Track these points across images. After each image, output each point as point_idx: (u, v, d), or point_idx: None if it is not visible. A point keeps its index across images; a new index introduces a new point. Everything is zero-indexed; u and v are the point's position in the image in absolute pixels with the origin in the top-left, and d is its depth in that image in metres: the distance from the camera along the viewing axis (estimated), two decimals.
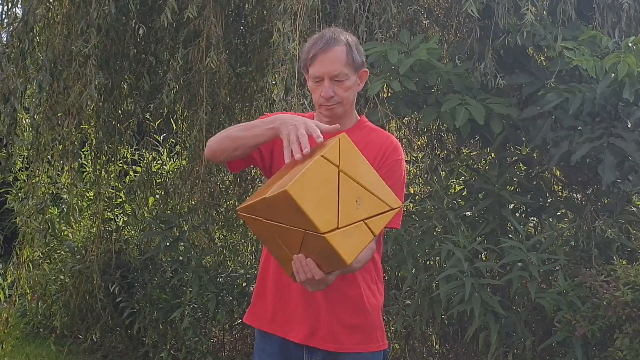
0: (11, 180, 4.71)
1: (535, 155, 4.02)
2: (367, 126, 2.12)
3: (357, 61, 2.02)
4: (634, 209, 3.77)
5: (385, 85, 3.55)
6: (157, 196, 5.15)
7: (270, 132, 1.86)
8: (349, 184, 1.74)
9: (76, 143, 4.50)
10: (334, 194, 1.72)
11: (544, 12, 3.72)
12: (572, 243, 3.72)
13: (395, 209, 1.80)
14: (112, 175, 5.08)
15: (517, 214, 3.92)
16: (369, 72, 2.36)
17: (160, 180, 5.18)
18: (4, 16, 4.24)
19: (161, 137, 5.25)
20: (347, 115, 2.08)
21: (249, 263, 4.90)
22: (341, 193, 1.73)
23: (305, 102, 3.35)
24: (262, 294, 2.11)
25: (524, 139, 3.83)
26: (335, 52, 1.98)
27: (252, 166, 2.38)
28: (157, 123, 5.07)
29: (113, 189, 5.15)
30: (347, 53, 1.99)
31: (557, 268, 3.47)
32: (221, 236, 5.13)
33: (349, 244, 1.71)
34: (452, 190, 4.08)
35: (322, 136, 1.77)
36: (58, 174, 4.71)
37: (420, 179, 4.41)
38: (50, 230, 4.83)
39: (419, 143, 4.67)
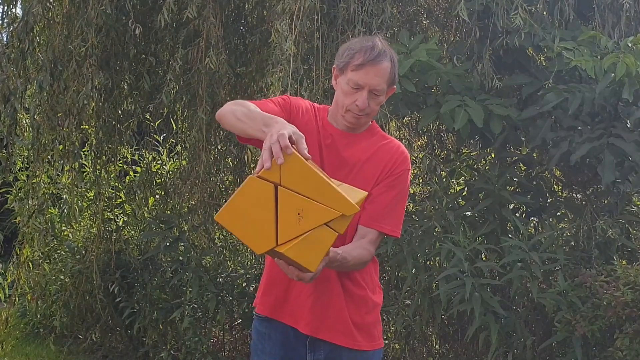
0: (11, 180, 4.71)
1: (535, 155, 4.02)
2: (379, 133, 2.14)
3: (395, 79, 2.06)
4: (634, 208, 3.77)
5: None
6: (157, 196, 5.15)
7: (261, 133, 1.81)
8: (289, 197, 1.71)
9: (76, 143, 4.50)
10: (271, 212, 1.71)
11: (544, 13, 3.72)
12: (572, 243, 3.72)
13: (344, 218, 1.74)
14: (112, 176, 5.08)
15: (517, 214, 3.91)
16: None
17: (160, 180, 5.18)
18: (4, 16, 4.25)
19: (161, 137, 5.25)
20: (366, 123, 2.11)
21: (249, 263, 4.90)
22: (280, 209, 1.71)
23: None
24: (274, 282, 2.10)
25: (523, 139, 3.83)
26: (383, 67, 1.99)
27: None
28: (157, 123, 5.06)
29: (113, 189, 5.15)
30: (391, 70, 2.02)
31: (557, 268, 3.47)
32: (221, 236, 5.13)
33: (308, 251, 1.71)
34: (452, 190, 4.08)
35: (291, 148, 1.69)
36: (58, 174, 4.72)
37: (420, 179, 4.41)
38: (50, 230, 4.83)
39: (419, 143, 4.67)
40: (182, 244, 4.41)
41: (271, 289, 2.11)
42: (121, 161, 5.17)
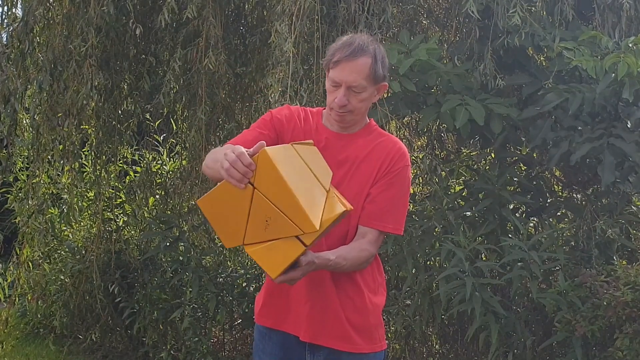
0: (11, 180, 4.71)
1: (535, 155, 4.02)
2: (376, 130, 2.12)
3: (379, 75, 2.00)
4: (634, 209, 3.77)
5: None
6: (157, 196, 5.15)
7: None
8: (261, 203, 1.75)
9: (76, 143, 4.50)
10: (244, 211, 1.76)
11: (543, 13, 3.72)
12: (572, 243, 3.72)
13: (310, 233, 1.76)
14: (112, 176, 5.08)
15: (517, 214, 3.91)
16: None
17: (160, 180, 5.18)
18: (4, 17, 4.25)
19: (161, 137, 5.25)
20: (356, 121, 2.08)
21: (249, 263, 4.90)
22: (252, 211, 1.76)
23: (299, 104, 3.35)
24: (275, 294, 2.10)
25: (524, 139, 3.83)
26: (359, 63, 1.96)
27: None
28: (157, 123, 5.06)
29: (113, 189, 5.15)
30: (371, 66, 1.97)
31: (557, 268, 3.47)
32: None
33: (273, 258, 1.75)
34: (452, 190, 4.08)
35: (252, 163, 1.73)
36: (58, 174, 4.71)
37: (420, 179, 4.41)
38: (50, 230, 4.83)
39: (419, 143, 4.67)
40: (182, 244, 4.41)
41: (272, 301, 2.11)
42: (121, 161, 5.17)
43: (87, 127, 4.78)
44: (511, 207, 3.77)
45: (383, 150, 2.05)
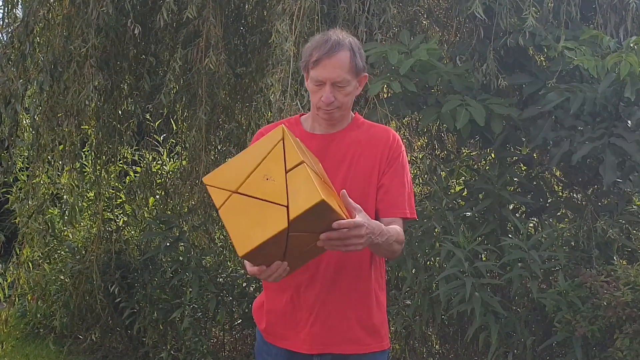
0: (11, 180, 4.71)
1: (535, 155, 4.01)
2: (364, 122, 2.13)
3: (359, 66, 2.02)
4: (634, 208, 3.77)
5: (385, 86, 3.55)
6: (157, 196, 5.15)
7: None
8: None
9: (76, 143, 4.50)
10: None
11: (548, 12, 3.72)
12: (573, 243, 3.71)
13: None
14: (112, 176, 5.08)
15: (517, 214, 3.91)
16: (369, 72, 2.37)
17: (160, 180, 5.18)
18: (5, 17, 4.24)
19: (161, 138, 5.25)
20: (343, 117, 2.09)
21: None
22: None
23: (300, 103, 3.35)
24: (278, 312, 2.08)
25: (524, 139, 3.83)
26: (339, 58, 1.97)
27: None
28: (157, 123, 5.06)
29: (113, 190, 5.15)
30: (351, 59, 1.98)
31: (557, 268, 3.46)
32: (221, 236, 5.13)
33: (247, 227, 1.59)
34: (452, 191, 4.08)
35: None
36: (58, 175, 4.71)
37: (420, 179, 4.40)
38: (50, 231, 4.83)
39: (419, 143, 4.67)
40: (182, 244, 4.41)
41: (275, 320, 2.09)
42: (121, 161, 5.17)
43: (87, 127, 4.78)
44: (511, 207, 3.77)
45: (379, 142, 2.06)
